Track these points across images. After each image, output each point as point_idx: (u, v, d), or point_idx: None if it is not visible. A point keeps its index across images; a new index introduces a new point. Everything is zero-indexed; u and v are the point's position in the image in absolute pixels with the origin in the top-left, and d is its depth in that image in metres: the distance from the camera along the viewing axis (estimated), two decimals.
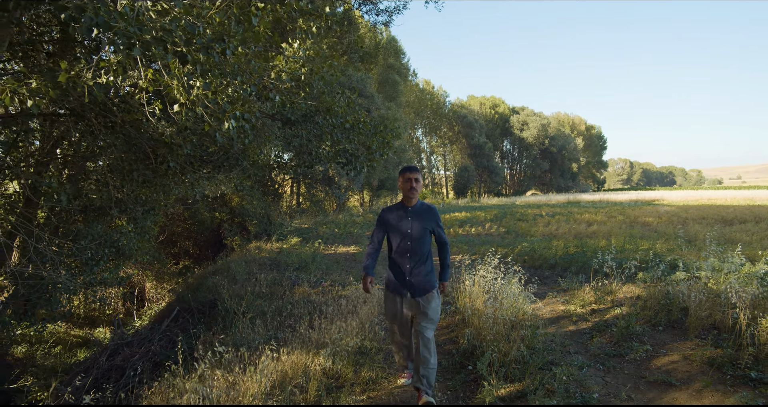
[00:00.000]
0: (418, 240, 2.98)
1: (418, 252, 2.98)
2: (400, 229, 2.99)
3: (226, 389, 3.04)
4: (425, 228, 3.00)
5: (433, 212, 3.08)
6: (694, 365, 3.25)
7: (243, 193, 14.18)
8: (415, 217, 3.00)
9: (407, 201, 3.04)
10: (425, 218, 3.02)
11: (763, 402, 2.66)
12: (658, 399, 2.89)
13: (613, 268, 5.52)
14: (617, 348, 3.70)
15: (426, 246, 3.01)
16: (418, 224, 2.99)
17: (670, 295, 4.39)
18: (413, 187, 2.97)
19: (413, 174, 3.00)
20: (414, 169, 3.03)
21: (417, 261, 2.98)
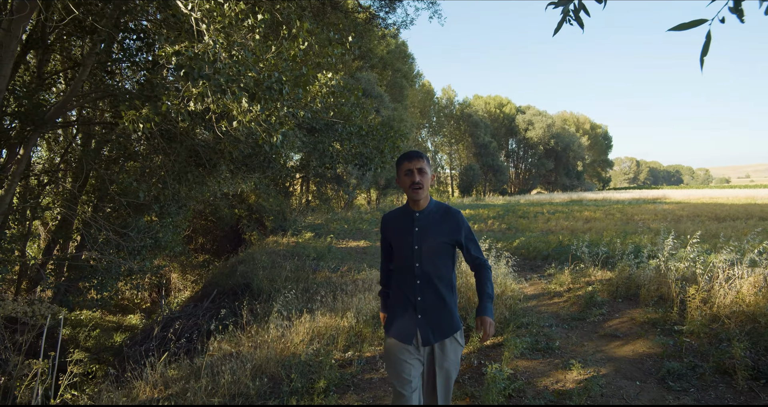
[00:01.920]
0: (431, 262, 2.04)
1: (432, 279, 2.04)
2: (404, 245, 2.08)
3: (278, 338, 4.02)
4: (442, 242, 2.04)
5: (455, 218, 2.09)
6: (636, 324, 4.19)
7: (260, 191, 15.20)
8: (426, 227, 2.06)
9: (413, 203, 2.10)
10: (442, 227, 2.06)
11: (673, 342, 3.59)
12: (603, 346, 3.84)
13: (586, 255, 6.46)
14: (581, 314, 4.65)
15: (444, 269, 2.07)
16: (429, 237, 2.04)
17: (633, 276, 5.32)
18: (417, 181, 2.01)
19: (415, 162, 2.04)
20: (415, 155, 2.06)
21: (430, 291, 2.05)
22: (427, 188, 2.06)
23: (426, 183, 2.06)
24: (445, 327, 2.03)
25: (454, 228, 2.07)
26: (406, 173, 2.05)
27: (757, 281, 4.15)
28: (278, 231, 14.58)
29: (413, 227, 2.07)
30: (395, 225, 2.16)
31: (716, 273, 4.43)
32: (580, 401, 2.79)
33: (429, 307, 2.04)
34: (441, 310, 2.05)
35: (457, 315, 2.08)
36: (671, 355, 3.43)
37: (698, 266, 4.78)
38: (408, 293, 2.07)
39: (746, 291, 4.03)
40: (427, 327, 2.02)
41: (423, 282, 2.04)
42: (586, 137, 72.60)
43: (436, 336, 2.01)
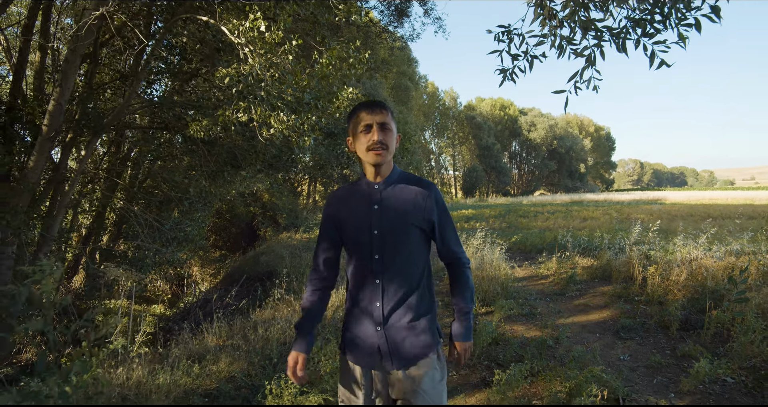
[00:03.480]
0: (397, 252, 1.47)
1: (399, 275, 1.48)
2: (358, 229, 1.50)
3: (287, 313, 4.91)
4: (412, 224, 1.47)
5: (427, 192, 1.51)
6: (606, 297, 5.05)
7: (273, 190, 16.13)
8: (389, 203, 1.49)
9: (371, 171, 1.51)
10: (411, 204, 1.49)
11: (630, 308, 4.45)
12: (577, 313, 4.70)
13: (570, 245, 7.34)
14: (562, 290, 5.51)
15: (416, 262, 1.50)
16: (394, 217, 1.47)
17: (610, 261, 6.18)
18: (378, 141, 1.43)
19: (376, 113, 1.46)
20: (377, 105, 1.49)
21: (396, 293, 1.47)
22: (391, 151, 1.46)
23: (390, 143, 1.45)
24: (417, 344, 1.45)
25: (426, 205, 1.47)
26: (363, 129, 1.45)
27: (708, 263, 5.01)
28: (291, 228, 15.49)
29: (371, 204, 1.47)
30: (347, 204, 1.52)
31: (675, 258, 5.28)
32: (554, 336, 3.66)
33: (395, 318, 1.45)
34: (412, 321, 1.45)
35: (435, 326, 1.51)
36: (627, 316, 4.29)
37: (659, 251, 5.64)
38: (366, 297, 1.48)
39: (697, 270, 4.89)
40: (393, 345, 1.44)
41: (386, 280, 1.45)
42: (589, 139, 73.29)
43: (402, 357, 1.44)
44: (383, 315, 1.46)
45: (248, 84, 4.45)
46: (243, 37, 4.90)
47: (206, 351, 3.84)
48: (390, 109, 1.52)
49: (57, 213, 7.03)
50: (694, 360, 3.18)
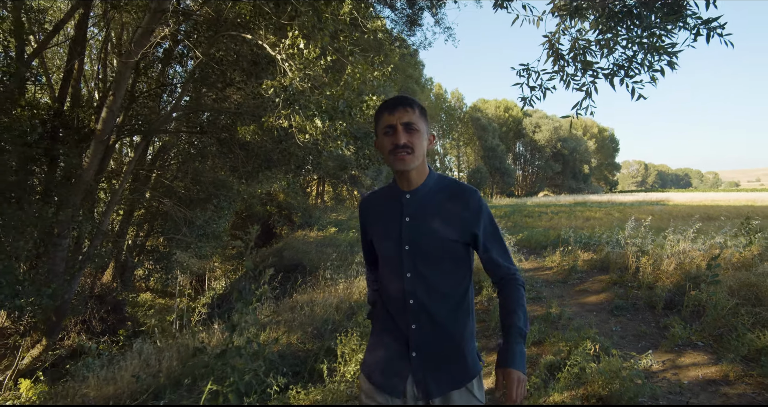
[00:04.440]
0: (431, 270, 1.32)
1: (435, 295, 1.32)
2: (387, 244, 1.37)
3: (344, 290, 5.60)
4: (448, 240, 1.32)
5: (469, 201, 1.33)
6: (603, 284, 5.72)
7: (288, 190, 16.86)
8: (422, 215, 1.34)
9: (400, 178, 1.37)
10: (448, 215, 1.33)
11: (623, 292, 5.12)
12: (578, 297, 5.36)
13: (572, 240, 8.01)
14: (565, 279, 6.19)
15: (453, 281, 1.34)
16: (427, 231, 1.32)
17: (608, 254, 6.84)
18: (402, 144, 1.27)
19: (399, 113, 1.29)
20: (400, 102, 1.30)
21: (432, 315, 1.32)
22: (420, 155, 1.30)
23: (418, 146, 1.29)
24: (453, 372, 1.31)
25: (467, 215, 1.32)
26: (385, 131, 1.30)
27: (694, 254, 5.67)
28: (305, 227, 16.21)
29: (401, 216, 1.34)
30: (377, 214, 1.43)
31: (666, 250, 5.95)
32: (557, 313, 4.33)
33: (429, 341, 1.31)
34: (448, 346, 1.32)
35: (474, 354, 1.36)
36: (620, 299, 4.97)
37: (652, 245, 6.31)
38: (397, 318, 1.35)
39: (685, 261, 5.55)
40: (424, 372, 1.30)
41: (418, 302, 1.31)
42: (593, 140, 73.74)
43: (438, 387, 1.30)
44: (417, 340, 1.29)
45: (290, 94, 5.15)
46: (284, 53, 5.61)
47: (261, 325, 4.54)
48: (418, 105, 1.31)
49: (107, 209, 7.76)
50: (673, 329, 3.85)
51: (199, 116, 8.56)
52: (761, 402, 2.62)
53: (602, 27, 2.50)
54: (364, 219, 1.48)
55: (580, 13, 2.50)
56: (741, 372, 3.03)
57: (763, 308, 3.87)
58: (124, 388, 2.94)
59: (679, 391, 2.85)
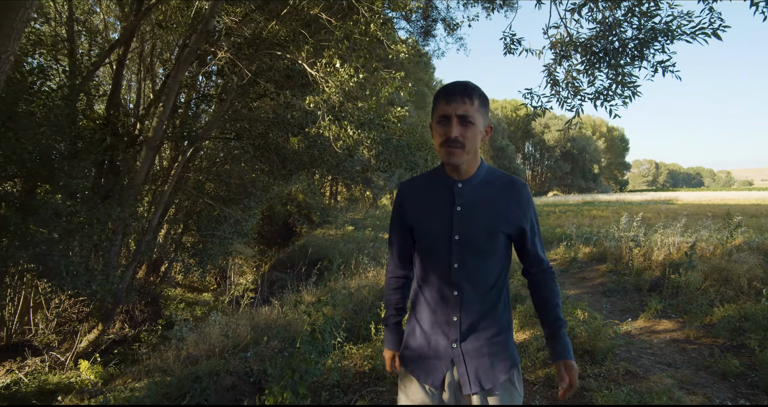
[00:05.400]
0: (479, 261, 1.30)
1: (480, 287, 1.31)
2: (435, 233, 1.32)
3: (373, 276, 6.46)
4: (499, 232, 1.29)
5: (521, 195, 1.33)
6: (599, 272, 6.51)
7: (308, 190, 17.79)
8: (474, 206, 1.30)
9: (449, 169, 1.33)
10: (500, 207, 1.30)
11: (617, 278, 5.91)
12: (577, 283, 6.16)
13: (575, 235, 8.79)
14: (566, 268, 6.99)
15: (498, 270, 1.33)
16: (479, 222, 1.29)
17: (607, 247, 7.62)
18: (453, 138, 1.21)
19: (456, 103, 1.21)
20: (459, 90, 1.22)
21: (477, 306, 1.31)
22: (472, 150, 1.25)
23: (470, 140, 1.23)
24: (496, 364, 1.30)
25: (517, 209, 1.30)
26: (439, 120, 1.24)
27: (682, 247, 6.44)
28: (323, 225, 17.11)
29: (452, 205, 1.29)
30: (421, 201, 1.36)
31: (656, 242, 6.72)
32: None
33: (471, 333, 1.30)
34: (491, 336, 1.30)
35: (513, 345, 1.36)
36: (613, 283, 5.76)
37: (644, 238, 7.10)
38: (440, 309, 1.33)
39: (673, 252, 6.32)
40: (469, 364, 1.30)
41: (465, 292, 1.29)
42: (603, 140, 73.91)
43: (483, 379, 1.29)
44: (461, 331, 1.29)
45: (330, 108, 6.02)
46: (322, 72, 6.48)
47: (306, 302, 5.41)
48: (479, 95, 1.23)
49: (156, 208, 8.68)
50: (651, 304, 4.65)
51: (235, 124, 9.47)
52: (707, 352, 3.42)
53: (587, 64, 3.31)
54: (404, 205, 1.38)
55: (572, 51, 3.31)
56: (699, 334, 3.83)
57: (729, 288, 4.65)
58: (216, 345, 3.79)
59: (649, 347, 3.65)
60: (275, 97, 8.88)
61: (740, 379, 2.95)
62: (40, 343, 8.27)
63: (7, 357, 7.47)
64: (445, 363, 1.31)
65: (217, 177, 11.05)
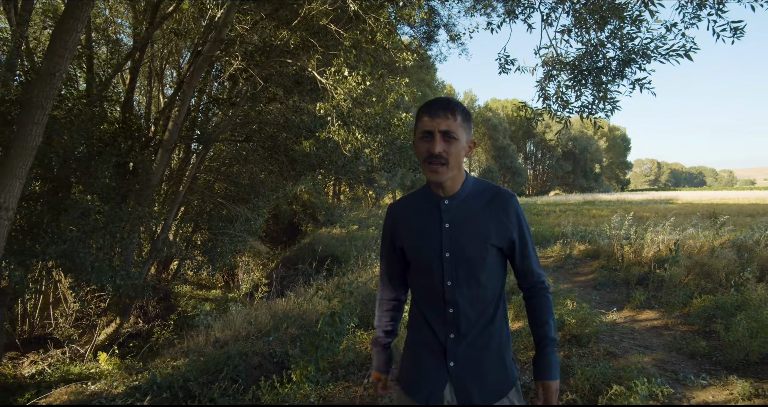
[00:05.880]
0: (472, 277, 1.28)
1: (475, 303, 1.29)
2: (426, 252, 1.31)
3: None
4: (489, 246, 1.28)
5: (507, 205, 1.31)
6: (592, 267, 6.91)
7: (312, 190, 18.20)
8: (462, 221, 1.30)
9: (434, 186, 1.33)
10: (487, 221, 1.29)
11: (608, 273, 6.30)
12: (571, 278, 6.55)
13: (570, 233, 9.19)
14: (562, 264, 7.39)
15: (491, 288, 1.31)
16: (468, 237, 1.28)
17: (600, 244, 8.02)
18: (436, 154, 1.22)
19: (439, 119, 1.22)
20: (441, 105, 1.24)
21: (472, 323, 1.29)
22: (455, 166, 1.25)
23: (454, 156, 1.23)
24: (493, 381, 1.28)
25: (506, 221, 1.29)
26: (422, 135, 1.25)
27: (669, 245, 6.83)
28: (328, 224, 17.53)
29: (441, 222, 1.30)
30: (410, 221, 1.36)
31: (647, 240, 7.12)
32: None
33: (468, 350, 1.28)
34: (487, 353, 1.28)
35: (511, 362, 1.33)
36: (604, 278, 6.16)
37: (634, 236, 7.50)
38: (434, 327, 1.31)
39: (662, 248, 6.71)
40: (464, 382, 1.27)
41: (460, 309, 1.27)
42: (604, 139, 74.14)
43: (480, 397, 1.26)
44: (457, 349, 1.27)
45: (339, 114, 6.43)
46: (331, 80, 6.88)
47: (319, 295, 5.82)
48: (461, 110, 1.24)
49: (171, 207, 9.11)
50: (636, 296, 5.05)
51: (245, 126, 9.89)
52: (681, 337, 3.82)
53: (574, 81, 3.72)
54: (393, 227, 1.39)
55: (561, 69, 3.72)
56: (677, 322, 4.23)
57: (709, 281, 5.05)
58: (240, 331, 4.20)
59: (630, 332, 4.06)
60: (284, 101, 9.30)
61: (706, 358, 3.35)
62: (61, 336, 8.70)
63: (31, 348, 7.90)
64: (441, 381, 1.29)
65: (226, 177, 11.48)
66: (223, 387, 2.87)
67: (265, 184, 10.10)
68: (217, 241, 11.60)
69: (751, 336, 3.21)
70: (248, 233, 12.20)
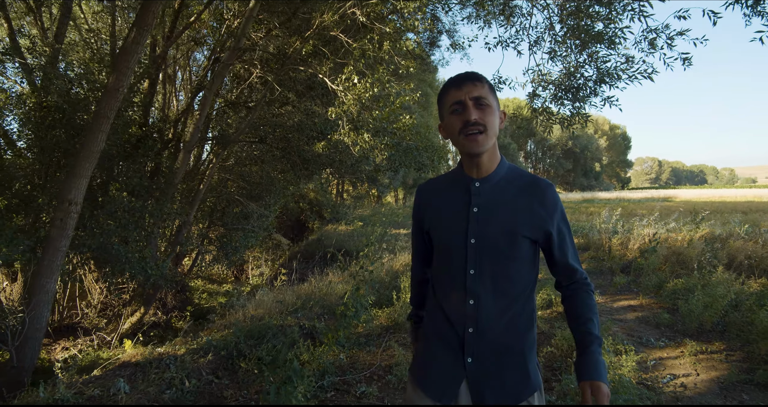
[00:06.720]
0: (498, 268, 1.18)
1: (499, 296, 1.18)
2: (450, 236, 1.23)
3: (387, 262, 7.51)
4: (521, 235, 1.17)
5: (545, 195, 1.20)
6: (584, 257, 7.54)
7: (318, 188, 18.87)
8: (492, 206, 1.19)
9: (469, 163, 1.22)
10: (521, 209, 1.18)
11: (596, 264, 6.93)
12: None
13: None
14: None
15: (519, 282, 1.19)
16: (498, 224, 1.18)
17: (592, 238, 8.66)
18: (473, 121, 1.13)
19: (468, 87, 1.16)
20: (468, 77, 1.18)
21: (495, 318, 1.18)
22: (493, 134, 1.17)
23: (491, 124, 1.15)
24: (513, 383, 1.16)
25: (542, 211, 1.17)
26: (453, 109, 1.17)
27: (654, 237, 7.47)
28: (334, 221, 18.19)
29: (469, 206, 1.19)
30: (438, 203, 1.28)
31: (634, 233, 7.76)
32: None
33: (487, 347, 1.17)
34: (508, 354, 1.17)
35: (535, 365, 1.21)
36: (591, 267, 6.80)
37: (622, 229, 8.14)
38: (452, 319, 1.20)
39: (647, 241, 7.35)
40: (481, 382, 1.16)
41: (482, 301, 1.16)
42: (605, 138, 74.63)
43: (496, 398, 1.15)
44: (476, 345, 1.16)
45: (349, 118, 7.08)
46: (341, 86, 7.51)
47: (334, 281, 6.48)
48: (486, 79, 1.18)
49: (192, 203, 9.76)
50: (616, 281, 5.69)
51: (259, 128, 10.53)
52: (651, 313, 4.46)
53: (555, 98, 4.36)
54: (421, 208, 1.32)
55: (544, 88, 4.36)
56: (650, 302, 4.87)
57: (684, 268, 5.69)
58: (272, 310, 4.82)
59: (609, 310, 4.70)
60: (297, 105, 9.94)
61: (668, 328, 4.00)
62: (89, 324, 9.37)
63: (61, 336, 8.57)
64: (456, 379, 1.17)
65: (240, 176, 12.14)
66: (267, 348, 3.52)
67: (277, 182, 10.74)
68: (231, 236, 12.26)
69: (705, 308, 3.85)
70: (261, 228, 12.87)
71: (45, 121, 6.37)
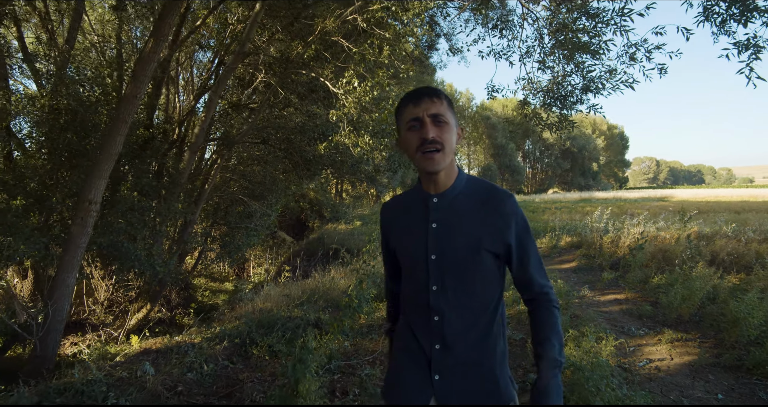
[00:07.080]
0: (460, 283, 1.18)
1: (464, 311, 1.18)
2: (412, 253, 1.23)
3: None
4: (480, 249, 1.16)
5: (503, 206, 1.18)
6: (576, 255, 7.85)
7: (318, 188, 19.16)
8: (451, 221, 1.19)
9: (427, 180, 1.22)
10: (480, 222, 1.18)
11: (587, 261, 7.24)
12: (556, 265, 7.48)
13: (557, 227, 10.14)
14: (548, 253, 8.33)
15: (484, 293, 1.20)
16: (457, 239, 1.18)
17: (585, 236, 8.96)
18: (430, 138, 1.12)
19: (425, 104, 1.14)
20: (426, 92, 1.16)
21: (460, 333, 1.18)
22: (450, 152, 1.15)
23: (448, 141, 1.14)
24: (482, 399, 1.16)
25: (500, 223, 1.16)
26: (410, 126, 1.15)
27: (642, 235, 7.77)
28: (334, 220, 18.47)
29: (427, 222, 1.20)
30: (399, 221, 1.29)
31: (624, 231, 8.06)
32: None
33: (454, 364, 1.17)
34: (476, 369, 1.17)
35: (507, 379, 1.19)
36: (583, 264, 7.10)
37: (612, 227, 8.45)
38: (419, 336, 1.22)
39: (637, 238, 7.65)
40: (449, 398, 1.17)
41: (447, 317, 1.17)
42: (603, 138, 75.00)
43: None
44: (443, 361, 1.17)
45: (350, 120, 7.36)
46: (342, 90, 7.79)
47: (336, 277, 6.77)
48: (444, 95, 1.16)
49: (197, 202, 10.03)
50: (605, 277, 5.99)
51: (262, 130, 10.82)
52: (634, 305, 4.75)
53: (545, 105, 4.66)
54: (386, 226, 1.34)
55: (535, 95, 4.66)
56: (635, 296, 5.17)
57: (669, 264, 5.99)
58: (279, 303, 5.11)
59: (596, 303, 5.00)
60: (299, 107, 10.21)
61: (650, 319, 4.30)
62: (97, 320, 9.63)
63: (69, 332, 8.84)
64: (424, 396, 1.17)
65: (243, 176, 12.41)
66: (277, 336, 3.80)
67: (279, 181, 11.03)
68: (234, 235, 12.53)
69: (683, 301, 4.15)
70: (263, 227, 13.14)
71: (57, 123, 6.64)
